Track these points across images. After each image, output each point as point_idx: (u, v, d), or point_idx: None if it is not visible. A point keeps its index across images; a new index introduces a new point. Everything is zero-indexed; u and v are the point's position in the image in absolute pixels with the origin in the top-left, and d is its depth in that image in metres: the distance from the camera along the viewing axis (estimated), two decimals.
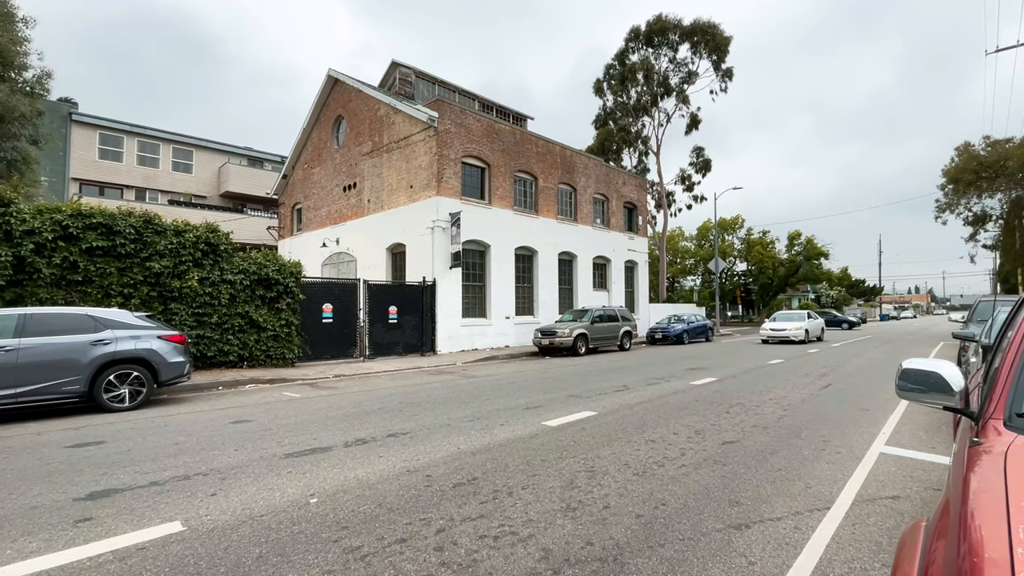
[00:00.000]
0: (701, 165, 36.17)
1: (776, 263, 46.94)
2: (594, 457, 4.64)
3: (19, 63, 12.00)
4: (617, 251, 24.82)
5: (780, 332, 20.38)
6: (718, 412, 6.71)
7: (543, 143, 20.89)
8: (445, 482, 3.98)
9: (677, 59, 33.80)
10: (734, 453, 4.80)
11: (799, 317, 21.72)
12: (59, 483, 4.06)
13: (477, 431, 5.70)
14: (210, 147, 29.49)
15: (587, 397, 7.92)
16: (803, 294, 63.51)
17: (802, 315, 22.12)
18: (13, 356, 6.64)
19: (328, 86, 21.84)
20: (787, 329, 20.38)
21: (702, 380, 9.78)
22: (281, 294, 12.18)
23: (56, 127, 22.88)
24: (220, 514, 3.37)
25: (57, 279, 9.25)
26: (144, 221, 10.22)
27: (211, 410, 7.28)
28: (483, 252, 18.29)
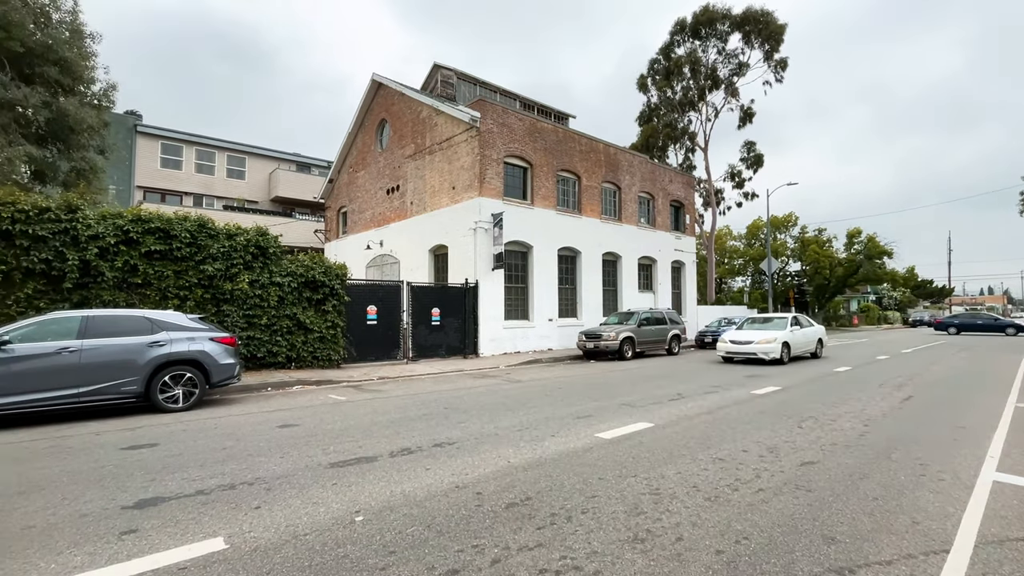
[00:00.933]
0: (752, 160, 34.58)
1: (833, 263, 44.33)
2: (657, 477, 4.23)
3: (87, 77, 12.71)
4: (663, 251, 23.97)
5: (743, 347, 13.70)
6: (789, 427, 6.12)
7: (586, 141, 20.40)
8: (497, 501, 3.69)
9: (726, 50, 32.43)
10: (817, 476, 4.27)
11: (777, 323, 14.88)
12: (110, 488, 4.03)
13: (527, 442, 5.39)
14: (261, 154, 30.60)
15: (640, 406, 7.47)
16: (863, 295, 59.88)
17: (782, 320, 14.91)
18: (76, 357, 6.85)
19: (372, 91, 22.14)
20: (753, 343, 13.53)
21: (764, 389, 9.10)
22: (327, 296, 12.29)
23: (122, 138, 24.28)
24: (263, 531, 3.20)
25: (119, 282, 9.61)
26: (198, 225, 10.50)
27: (259, 412, 7.30)
28: (525, 253, 17.99)
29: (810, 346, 15.22)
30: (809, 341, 15.19)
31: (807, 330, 15.21)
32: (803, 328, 15.02)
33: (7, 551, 2.96)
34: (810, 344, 15.22)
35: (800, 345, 14.59)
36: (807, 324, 15.64)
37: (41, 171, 12.67)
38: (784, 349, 13.65)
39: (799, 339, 14.55)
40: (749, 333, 14.17)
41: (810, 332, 15.27)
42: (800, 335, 14.62)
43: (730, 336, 14.41)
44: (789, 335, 14.03)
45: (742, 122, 33.46)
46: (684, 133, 34.42)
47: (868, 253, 43.57)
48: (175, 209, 11.42)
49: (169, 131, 27.32)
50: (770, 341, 13.40)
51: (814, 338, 15.48)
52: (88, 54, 12.61)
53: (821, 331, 16.03)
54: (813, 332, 15.47)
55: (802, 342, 14.73)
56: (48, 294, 8.96)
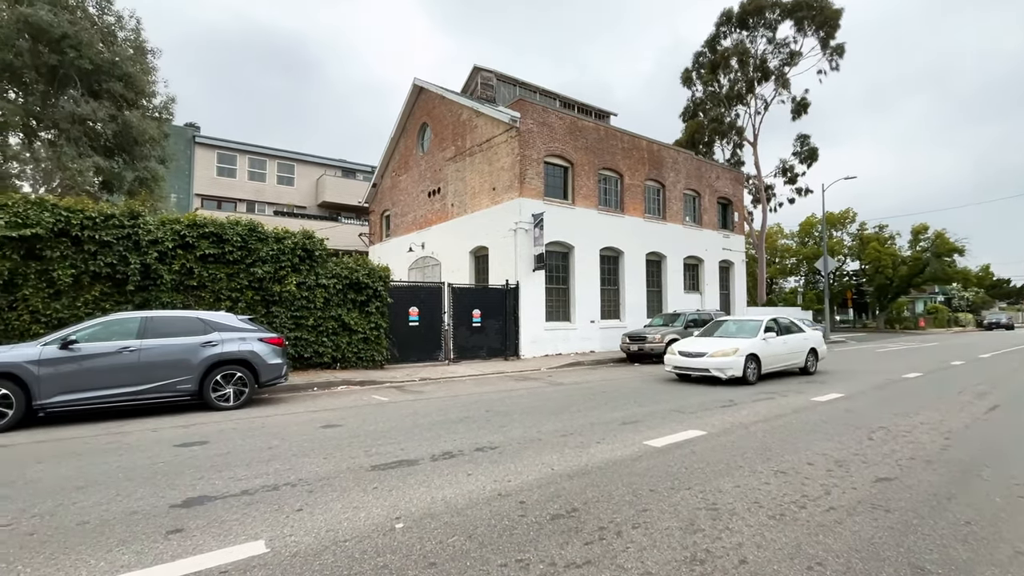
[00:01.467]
0: (806, 155, 32.89)
1: (896, 261, 41.50)
2: (714, 491, 3.93)
3: (149, 91, 13.48)
4: (710, 250, 23.09)
5: (693, 360, 10.22)
6: (858, 438, 5.62)
7: (628, 138, 19.91)
8: (541, 512, 3.50)
9: (776, 40, 31.02)
10: (896, 495, 3.85)
11: (746, 328, 11.06)
12: (160, 486, 4.11)
13: (571, 449, 5.17)
14: (309, 161, 31.67)
15: (690, 412, 7.09)
16: (930, 296, 55.95)
17: (754, 324, 11.05)
18: (135, 356, 7.16)
19: (413, 95, 22.45)
20: (705, 355, 10.05)
21: (826, 396, 8.49)
22: (371, 298, 12.46)
23: (182, 149, 25.69)
24: (304, 535, 3.14)
25: (176, 284, 10.05)
26: (248, 229, 10.86)
27: (304, 412, 7.41)
28: (566, 253, 17.72)
29: (795, 359, 11.25)
30: (793, 352, 11.21)
31: (791, 338, 11.32)
32: (783, 336, 11.14)
33: (62, 546, 3.02)
34: (795, 356, 11.26)
35: (778, 357, 10.74)
36: (796, 329, 11.86)
37: (109, 181, 13.51)
38: (750, 364, 9.93)
39: (776, 350, 10.68)
40: (705, 342, 10.64)
41: (794, 341, 11.37)
42: (778, 345, 10.77)
43: (681, 345, 10.84)
44: (758, 345, 10.29)
45: (795, 114, 31.91)
46: (731, 128, 33.16)
47: (936, 250, 40.54)
48: (227, 214, 11.86)
49: (224, 141, 28.71)
50: (728, 353, 9.83)
51: (802, 348, 11.44)
52: (149, 69, 13.39)
53: (815, 339, 12.04)
54: (799, 341, 11.51)
55: (781, 353, 10.83)
56: (113, 296, 9.47)
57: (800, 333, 11.77)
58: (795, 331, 11.74)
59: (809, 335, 11.98)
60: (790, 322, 12.06)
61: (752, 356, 10.08)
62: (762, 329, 10.68)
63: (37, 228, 8.56)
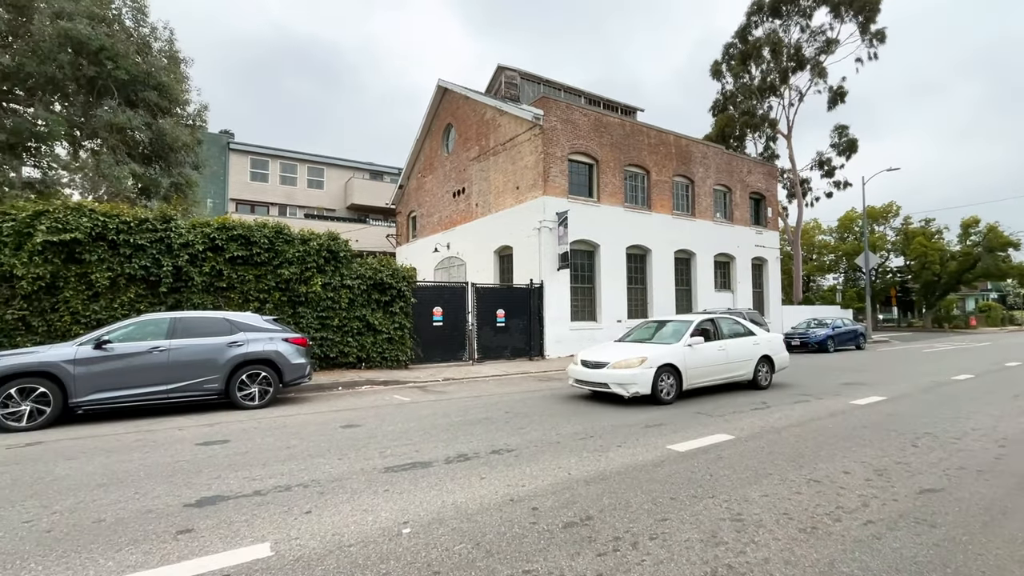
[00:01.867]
0: (845, 146, 31.52)
1: (944, 257, 39.32)
2: (740, 500, 3.70)
3: (182, 99, 13.95)
4: (742, 247, 22.37)
5: (592, 373, 8.00)
6: (901, 445, 5.25)
7: (655, 133, 19.47)
8: (554, 519, 3.35)
9: (811, 27, 29.83)
10: (942, 508, 3.54)
11: (670, 331, 8.97)
12: (178, 484, 4.15)
13: (590, 452, 5.00)
14: (338, 164, 32.27)
15: (718, 415, 6.80)
16: (982, 293, 52.92)
17: (679, 326, 8.92)
18: (165, 356, 7.35)
19: (438, 96, 22.55)
20: (608, 364, 7.85)
21: (865, 399, 8.02)
22: (394, 298, 12.52)
23: (217, 155, 26.55)
24: (310, 538, 3.09)
25: (207, 286, 10.31)
26: (275, 231, 11.06)
27: (327, 412, 7.45)
28: (592, 252, 17.45)
29: (738, 369, 8.88)
30: (734, 362, 8.80)
31: (733, 344, 8.92)
32: (721, 341, 8.81)
33: (76, 545, 3.06)
34: (739, 366, 8.89)
35: (710, 368, 8.44)
36: (744, 331, 9.43)
37: (146, 187, 14.02)
38: (665, 377, 7.71)
39: (707, 359, 8.38)
40: (612, 348, 8.57)
41: (737, 347, 8.96)
42: (710, 353, 8.45)
43: (585, 352, 8.67)
44: (679, 353, 8.01)
45: (831, 103, 30.64)
46: (764, 120, 32.08)
47: (988, 245, 38.21)
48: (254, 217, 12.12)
49: (257, 147, 29.54)
50: (633, 364, 7.55)
51: (749, 355, 9.06)
52: (182, 78, 13.85)
53: (770, 343, 9.62)
54: (744, 347, 9.07)
55: (715, 363, 8.50)
56: (147, 297, 9.78)
57: (748, 337, 9.33)
58: (742, 335, 9.31)
59: (763, 339, 9.58)
60: (738, 322, 9.63)
61: (668, 368, 7.79)
62: (688, 332, 8.38)
63: (76, 232, 8.91)
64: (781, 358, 9.76)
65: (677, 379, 7.93)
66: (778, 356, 9.70)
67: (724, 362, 8.68)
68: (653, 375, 7.55)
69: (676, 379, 7.92)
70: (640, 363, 7.61)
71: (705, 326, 8.89)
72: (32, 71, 11.30)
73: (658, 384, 7.64)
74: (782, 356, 9.80)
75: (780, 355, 9.76)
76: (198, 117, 14.96)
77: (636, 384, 7.49)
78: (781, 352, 9.83)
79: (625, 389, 7.50)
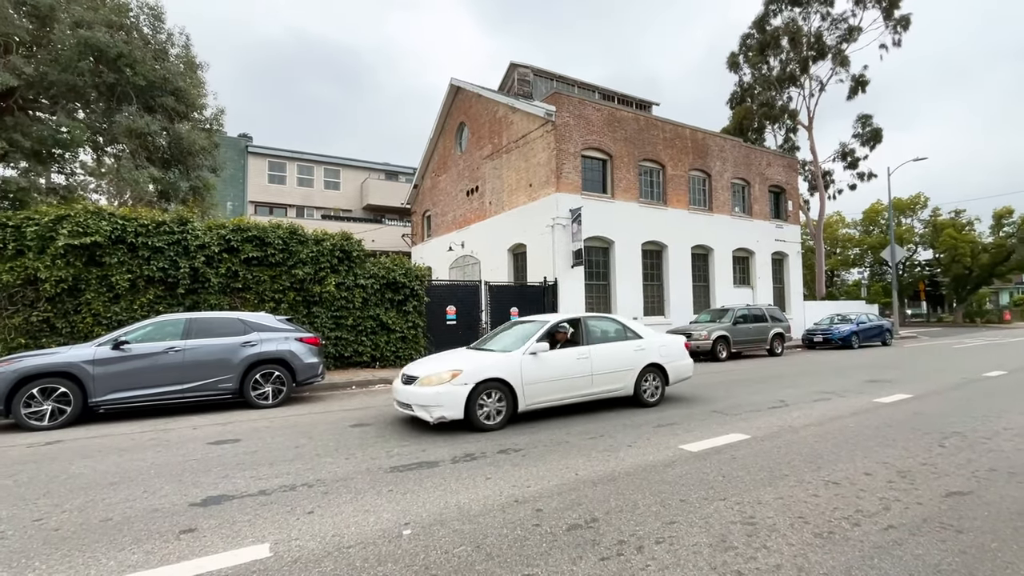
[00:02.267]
0: (868, 136, 30.59)
1: (976, 248, 37.94)
2: (752, 502, 3.56)
3: (199, 104, 14.20)
4: (762, 242, 21.87)
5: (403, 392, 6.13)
6: (927, 445, 5.02)
7: (670, 127, 19.14)
8: (558, 521, 3.27)
9: (832, 14, 29.00)
10: (971, 512, 3.35)
11: (512, 335, 7.15)
12: (186, 483, 4.18)
13: (599, 452, 4.89)
14: (354, 165, 32.56)
15: (734, 414, 6.62)
16: (1016, 286, 50.98)
17: (526, 328, 7.11)
18: (180, 356, 7.46)
19: (451, 95, 22.56)
20: (418, 379, 6.04)
21: (890, 397, 7.73)
22: (408, 297, 12.55)
23: (236, 159, 27.02)
24: (309, 539, 3.06)
25: (223, 287, 10.46)
26: (289, 232, 11.17)
27: (338, 411, 7.48)
28: (606, 249, 17.25)
29: (612, 383, 7.00)
30: (603, 373, 6.88)
31: (601, 350, 6.97)
32: (582, 347, 6.89)
33: (81, 543, 3.08)
34: (612, 378, 6.99)
35: (567, 383, 6.56)
36: (622, 335, 7.44)
37: (165, 191, 14.30)
38: (488, 397, 5.96)
39: (561, 370, 6.52)
40: (434, 361, 6.63)
41: (610, 354, 7.03)
42: (563, 362, 6.57)
43: (410, 367, 6.66)
44: (515, 364, 6.20)
45: (852, 92, 29.76)
46: (783, 112, 31.32)
47: (1022, 236, 36.76)
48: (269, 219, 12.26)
49: (275, 149, 29.98)
50: (441, 380, 5.84)
51: (629, 365, 7.16)
52: (199, 83, 14.10)
53: (660, 348, 7.56)
54: (619, 355, 7.13)
55: (572, 375, 6.59)
56: (166, 299, 9.96)
57: (628, 341, 7.35)
58: (620, 338, 7.37)
59: (651, 343, 7.50)
60: (618, 323, 7.64)
61: (495, 384, 5.95)
62: (534, 338, 6.48)
63: (96, 236, 9.11)
64: (678, 367, 7.74)
65: (510, 397, 6.06)
66: (674, 364, 7.66)
67: (585, 374, 6.70)
68: (467, 394, 5.73)
69: (509, 397, 6.05)
70: (451, 378, 5.76)
71: (561, 328, 7.12)
72: (54, 79, 11.63)
73: (475, 406, 5.80)
74: (680, 365, 7.78)
75: (677, 363, 7.74)
76: (215, 121, 15.22)
77: (442, 406, 5.66)
78: (679, 359, 7.80)
79: (429, 413, 5.66)
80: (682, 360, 7.89)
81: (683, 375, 7.91)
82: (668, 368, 7.61)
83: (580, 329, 7.16)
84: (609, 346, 7.18)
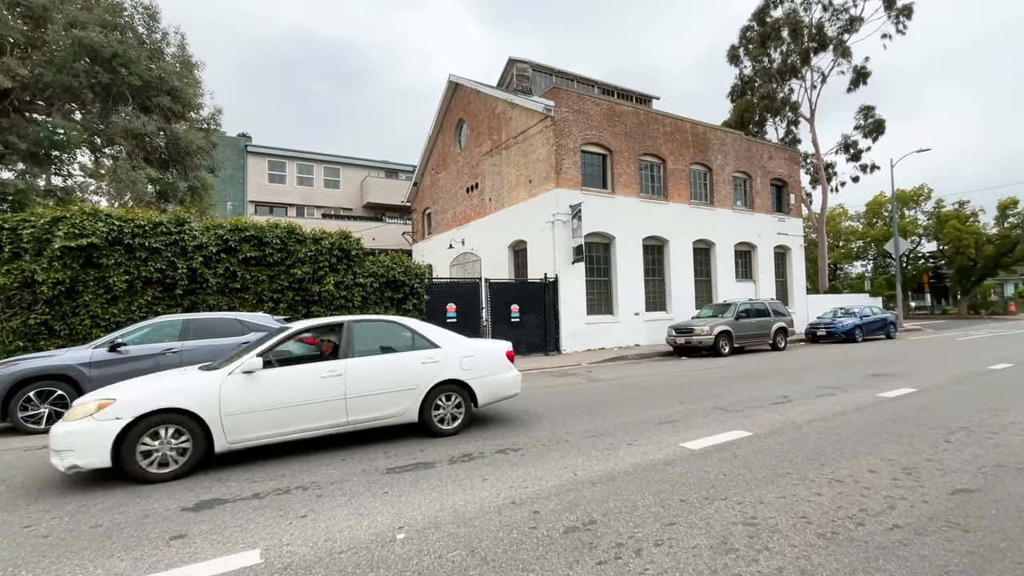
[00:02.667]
0: (871, 128, 30.35)
1: (980, 240, 37.69)
2: (754, 501, 3.49)
3: (195, 104, 14.14)
4: (764, 236, 21.74)
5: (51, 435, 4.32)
6: (932, 440, 4.94)
7: (671, 121, 19.00)
8: (555, 523, 3.20)
9: (834, 4, 28.73)
10: (978, 511, 3.27)
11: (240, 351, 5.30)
12: (178, 487, 4.12)
13: (599, 451, 4.82)
14: (354, 163, 32.48)
15: (736, 411, 6.54)
16: (1022, 277, 50.62)
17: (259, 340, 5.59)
18: (178, 357, 7.42)
19: (449, 92, 22.43)
20: None
21: (895, 391, 7.64)
22: (407, 295, 12.49)
23: (235, 158, 26.96)
24: (301, 544, 3.00)
25: (222, 287, 10.41)
26: (287, 231, 11.11)
27: None
28: (607, 244, 17.15)
29: (382, 408, 5.34)
30: (368, 395, 5.25)
31: (365, 365, 5.35)
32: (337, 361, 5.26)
33: (69, 551, 3.03)
34: (381, 402, 5.34)
35: (302, 411, 4.93)
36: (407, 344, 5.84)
37: (164, 191, 14.26)
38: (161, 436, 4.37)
39: (292, 395, 4.90)
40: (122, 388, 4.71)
41: (380, 371, 5.42)
42: (296, 384, 4.98)
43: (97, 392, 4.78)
44: (212, 389, 4.62)
45: (854, 84, 29.51)
46: (785, 104, 31.10)
47: None
48: (267, 218, 12.20)
49: (274, 148, 29.92)
50: (89, 411, 4.26)
51: (411, 383, 5.51)
52: (195, 82, 14.03)
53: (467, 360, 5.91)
54: (397, 371, 5.51)
55: (311, 400, 4.98)
56: (164, 300, 9.91)
57: (413, 352, 5.67)
58: (402, 348, 5.73)
59: (448, 353, 5.78)
60: (403, 327, 5.92)
61: (173, 416, 4.41)
62: (253, 352, 4.98)
63: (93, 237, 9.06)
64: (492, 383, 6.00)
65: (201, 435, 4.48)
66: (484, 380, 5.92)
67: (335, 397, 5.04)
68: (118, 433, 4.17)
69: (199, 435, 4.48)
70: (97, 410, 4.21)
71: (307, 336, 5.64)
72: (50, 81, 11.58)
73: (135, 448, 4.23)
74: (495, 380, 6.03)
75: (490, 378, 5.99)
76: (212, 120, 15.15)
77: (74, 451, 4.08)
78: (494, 372, 6.05)
79: (60, 458, 4.11)
80: (499, 373, 6.09)
81: (501, 393, 6.13)
82: (475, 385, 5.84)
83: (342, 336, 5.38)
84: (376, 360, 5.43)
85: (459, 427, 5.75)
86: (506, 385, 6.21)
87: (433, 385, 5.59)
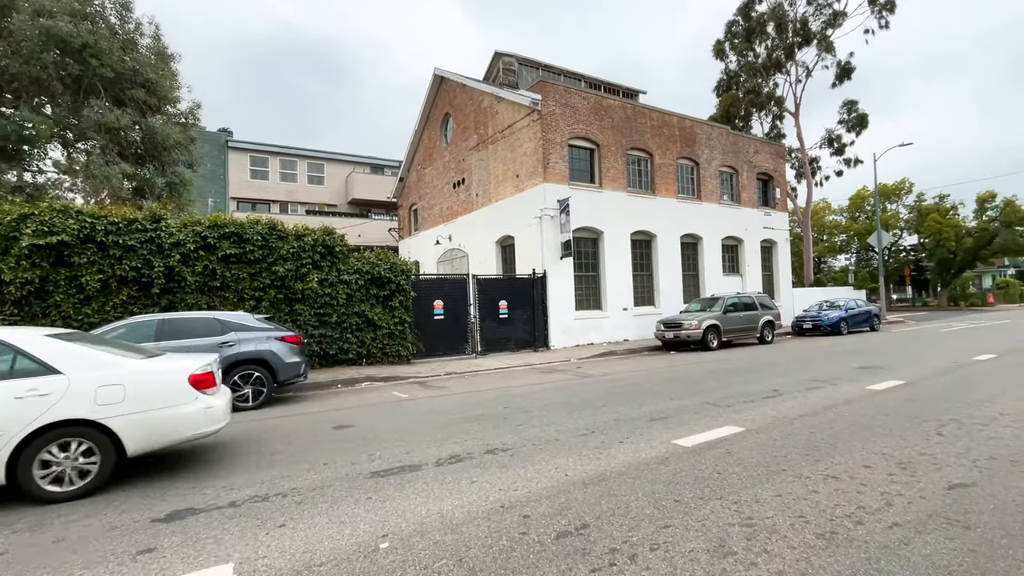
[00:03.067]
0: (855, 122, 30.63)
1: (960, 233, 38.37)
2: (750, 500, 3.39)
3: (172, 97, 13.70)
4: (750, 230, 21.83)
5: None
6: (925, 433, 4.90)
7: (658, 115, 18.93)
8: (546, 529, 3.07)
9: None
10: (976, 506, 3.21)
11: None
12: (151, 496, 3.92)
13: (590, 450, 4.71)
14: (338, 159, 31.97)
15: (728, 406, 6.47)
16: (999, 269, 51.77)
17: None
18: None
19: (435, 86, 22.12)
20: None
21: (883, 384, 7.64)
22: (393, 292, 12.27)
23: (216, 154, 26.35)
24: (278, 557, 2.83)
25: (200, 285, 10.10)
26: (269, 228, 10.81)
27: (320, 412, 7.22)
28: (595, 239, 17.06)
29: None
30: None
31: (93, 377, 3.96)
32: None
33: (27, 568, 2.83)
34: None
35: None
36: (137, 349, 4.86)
37: (141, 187, 13.82)
38: None
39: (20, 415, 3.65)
40: None
41: None
42: None
43: None
44: None
45: (838, 79, 29.76)
46: (770, 99, 31.25)
47: (1005, 220, 37.20)
48: (247, 215, 11.88)
49: (256, 144, 29.30)
50: None
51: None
52: (171, 75, 13.58)
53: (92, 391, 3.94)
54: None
55: None
56: (140, 299, 9.59)
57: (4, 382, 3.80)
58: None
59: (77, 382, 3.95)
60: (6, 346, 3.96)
61: None
62: None
63: (63, 235, 8.71)
64: (152, 422, 4.19)
65: None
66: (137, 419, 4.12)
67: None
68: None
69: None
70: None
71: None
72: (16, 72, 11.10)
73: None
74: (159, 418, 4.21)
75: (153, 414, 4.19)
76: (190, 115, 14.70)
77: None
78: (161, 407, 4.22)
79: None
80: (169, 408, 4.27)
81: (171, 436, 4.32)
82: (117, 425, 4.04)
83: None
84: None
85: (92, 484, 3.98)
86: (183, 423, 4.31)
87: (34, 430, 3.79)
